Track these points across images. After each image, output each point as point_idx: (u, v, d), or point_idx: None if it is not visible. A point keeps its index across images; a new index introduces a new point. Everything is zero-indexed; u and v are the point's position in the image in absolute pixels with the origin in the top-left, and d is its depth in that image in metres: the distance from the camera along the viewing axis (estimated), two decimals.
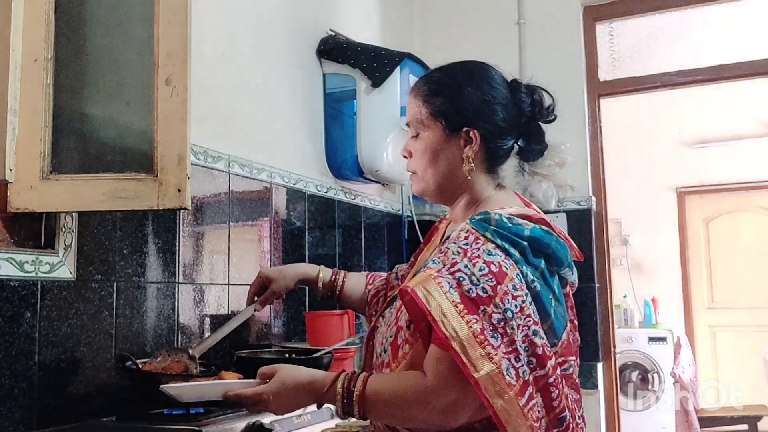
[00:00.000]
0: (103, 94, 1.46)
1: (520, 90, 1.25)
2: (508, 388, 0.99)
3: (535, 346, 1.04)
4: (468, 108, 1.21)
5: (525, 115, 1.25)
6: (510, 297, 1.03)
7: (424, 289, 1.04)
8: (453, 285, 1.03)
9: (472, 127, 1.20)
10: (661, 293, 5.59)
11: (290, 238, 2.37)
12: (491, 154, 1.24)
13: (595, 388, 2.98)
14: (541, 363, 1.04)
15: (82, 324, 1.58)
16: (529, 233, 1.09)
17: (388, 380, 1.11)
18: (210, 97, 2.03)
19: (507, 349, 1.01)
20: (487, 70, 1.27)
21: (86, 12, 1.48)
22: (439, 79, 1.26)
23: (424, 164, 1.24)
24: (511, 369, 1.00)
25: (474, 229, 1.10)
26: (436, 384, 1.04)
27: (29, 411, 1.44)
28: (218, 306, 2.01)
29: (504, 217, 1.10)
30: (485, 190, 1.24)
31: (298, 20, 2.54)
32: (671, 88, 3.44)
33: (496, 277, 1.03)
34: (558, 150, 3.07)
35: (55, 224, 1.53)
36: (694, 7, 3.22)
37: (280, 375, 1.15)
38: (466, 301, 1.02)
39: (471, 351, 0.99)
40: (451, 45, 3.30)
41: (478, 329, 1.00)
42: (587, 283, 3.04)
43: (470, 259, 1.05)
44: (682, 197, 5.83)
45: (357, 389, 1.08)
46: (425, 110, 1.23)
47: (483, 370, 0.98)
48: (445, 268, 1.06)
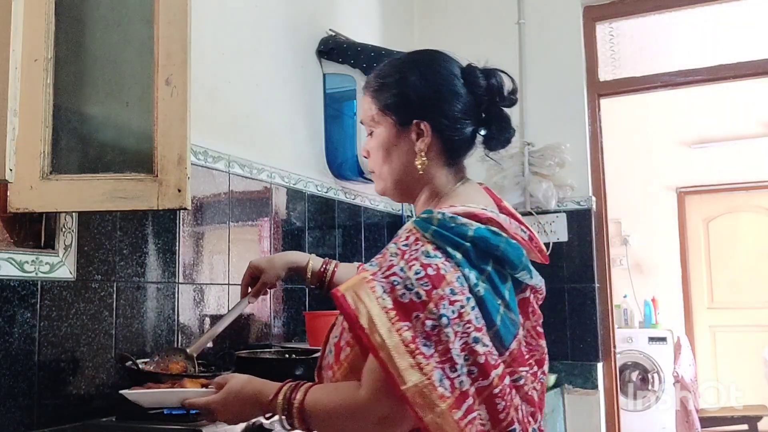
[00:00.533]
0: (102, 94, 1.46)
1: (474, 75, 1.17)
2: (441, 400, 0.92)
3: (476, 354, 0.95)
4: (416, 99, 1.14)
5: (482, 102, 1.16)
6: (447, 302, 0.95)
7: (354, 293, 0.98)
8: (387, 289, 0.96)
9: (421, 119, 1.13)
10: (661, 293, 5.59)
11: (290, 238, 2.37)
12: (448, 146, 1.15)
13: (595, 388, 2.98)
14: (483, 372, 0.96)
15: (82, 324, 1.57)
16: (473, 234, 1.01)
17: (327, 391, 1.06)
18: (210, 97, 2.03)
19: (441, 359, 0.93)
20: (437, 58, 1.19)
21: (86, 12, 1.48)
22: (387, 72, 1.19)
23: (380, 162, 1.19)
24: (445, 379, 0.93)
25: (416, 228, 1.02)
26: (368, 397, 0.97)
27: (29, 411, 1.44)
28: (218, 306, 2.01)
29: (447, 217, 1.02)
30: (446, 184, 1.16)
31: (298, 20, 2.54)
32: (671, 88, 3.45)
33: (433, 281, 0.95)
34: (558, 150, 3.07)
35: (55, 224, 1.53)
36: (694, 7, 3.22)
37: (229, 385, 1.15)
38: (399, 307, 0.95)
39: (399, 361, 0.92)
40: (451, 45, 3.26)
41: (409, 337, 0.93)
42: (587, 283, 3.04)
43: (407, 262, 0.98)
44: (682, 197, 5.82)
45: (297, 400, 1.04)
46: (375, 106, 1.18)
47: (411, 382, 0.91)
48: (380, 271, 0.99)
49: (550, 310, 3.03)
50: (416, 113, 1.14)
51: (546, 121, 3.16)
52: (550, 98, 3.18)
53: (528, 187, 3.07)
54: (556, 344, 3.03)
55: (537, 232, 3.12)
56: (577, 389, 3.00)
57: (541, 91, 3.19)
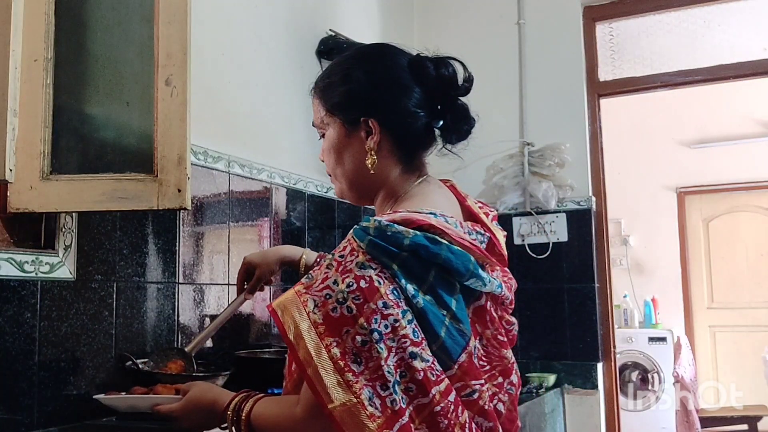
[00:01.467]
0: (103, 94, 1.46)
1: (423, 66, 1.10)
2: (370, 420, 0.87)
3: (414, 370, 0.90)
4: (361, 96, 1.09)
5: (434, 93, 1.10)
6: (379, 316, 0.89)
7: (284, 308, 0.94)
8: (318, 303, 0.92)
9: (369, 116, 1.08)
10: (661, 293, 5.59)
11: (290, 238, 2.37)
12: (399, 142, 1.09)
13: (595, 388, 2.98)
14: (422, 389, 0.90)
15: (82, 324, 1.57)
16: (409, 242, 0.93)
17: (270, 405, 1.03)
18: (210, 97, 2.03)
19: (371, 376, 0.88)
20: (382, 51, 1.14)
21: (86, 12, 1.48)
22: (332, 70, 1.14)
23: (333, 164, 1.14)
24: (376, 398, 0.88)
25: (353, 238, 0.97)
26: (302, 415, 0.95)
27: (29, 411, 1.44)
28: (218, 306, 2.01)
29: (383, 225, 0.95)
30: (403, 184, 1.11)
31: (298, 20, 2.54)
32: (671, 88, 3.44)
33: (365, 294, 0.90)
34: (558, 150, 3.07)
35: (55, 224, 1.53)
36: (693, 7, 3.22)
37: (190, 393, 1.15)
38: (329, 322, 0.90)
39: (326, 378, 0.88)
40: (451, 45, 3.26)
41: (338, 354, 0.89)
42: (587, 283, 3.04)
43: (341, 274, 0.93)
44: (682, 197, 5.82)
45: (245, 412, 1.03)
46: (323, 108, 1.14)
47: (338, 400, 0.87)
48: (315, 284, 0.94)
49: (550, 310, 3.06)
50: (363, 111, 1.09)
51: (546, 121, 3.16)
52: (550, 98, 3.18)
53: (528, 187, 3.07)
54: (555, 344, 3.04)
55: (537, 232, 3.16)
56: (577, 389, 3.00)
57: (541, 91, 3.19)
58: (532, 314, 3.05)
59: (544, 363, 3.02)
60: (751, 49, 3.24)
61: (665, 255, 5.75)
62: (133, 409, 1.36)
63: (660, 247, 5.77)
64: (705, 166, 5.71)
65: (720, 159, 5.66)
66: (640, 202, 5.75)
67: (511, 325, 1.12)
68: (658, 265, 5.76)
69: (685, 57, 3.35)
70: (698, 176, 5.75)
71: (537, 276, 3.06)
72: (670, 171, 5.78)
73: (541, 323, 3.04)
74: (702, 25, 3.38)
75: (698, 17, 3.34)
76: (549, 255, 3.05)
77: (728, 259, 5.72)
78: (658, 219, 5.79)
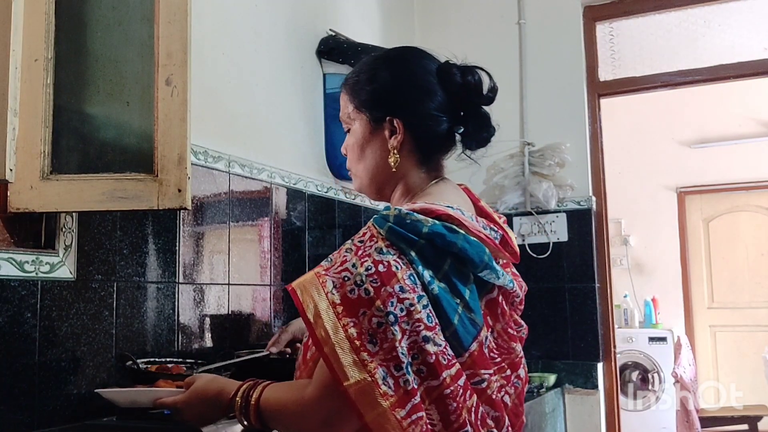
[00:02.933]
0: (103, 94, 1.46)
1: (450, 72, 1.15)
2: (383, 398, 0.90)
3: (426, 353, 0.93)
4: (388, 96, 1.14)
5: (459, 100, 1.15)
6: (395, 299, 0.93)
7: (303, 288, 0.98)
8: (337, 285, 0.95)
9: (394, 116, 1.13)
10: (661, 293, 5.59)
11: (290, 238, 2.37)
12: (420, 143, 1.14)
13: (596, 388, 2.98)
14: (433, 372, 0.94)
15: (82, 324, 1.57)
16: (427, 230, 0.98)
17: (280, 389, 1.05)
18: (210, 97, 2.03)
19: (385, 356, 0.92)
20: (411, 54, 1.19)
21: (86, 12, 1.48)
22: (362, 69, 1.19)
23: (356, 159, 1.19)
24: (389, 378, 0.91)
25: (373, 225, 1.01)
26: (314, 394, 0.97)
27: (29, 411, 1.44)
28: (218, 306, 2.01)
29: (403, 213, 1.00)
30: (420, 183, 1.15)
31: (298, 20, 2.54)
32: (671, 88, 3.44)
33: (382, 278, 0.94)
34: (558, 150, 3.07)
35: (55, 224, 1.53)
36: (694, 7, 3.22)
37: (194, 385, 1.16)
38: (347, 303, 0.94)
39: (342, 357, 0.91)
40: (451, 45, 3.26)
41: (354, 334, 0.92)
42: (587, 283, 3.04)
43: (360, 258, 0.97)
44: (682, 197, 5.82)
45: (254, 398, 1.04)
46: (351, 104, 1.18)
47: (353, 378, 0.90)
48: (334, 267, 0.98)
49: (551, 309, 3.06)
50: (389, 110, 1.13)
51: (546, 121, 3.16)
52: (550, 98, 3.18)
53: (528, 187, 3.07)
54: (556, 344, 3.04)
55: (537, 232, 3.16)
56: (578, 389, 3.00)
57: (541, 91, 3.19)
58: (533, 314, 3.01)
59: (545, 363, 3.02)
60: (751, 49, 3.24)
61: (665, 255, 5.75)
62: (134, 403, 1.34)
63: (660, 247, 5.77)
64: (705, 166, 5.71)
65: (720, 159, 5.66)
66: (640, 202, 5.75)
67: (520, 326, 1.16)
68: (659, 265, 5.76)
69: (685, 57, 3.35)
70: (698, 176, 5.75)
71: (537, 276, 3.06)
72: (670, 171, 5.78)
73: (542, 323, 3.04)
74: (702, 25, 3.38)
75: (698, 17, 3.34)
76: (549, 255, 3.05)
77: (728, 259, 5.72)
78: (658, 219, 5.79)
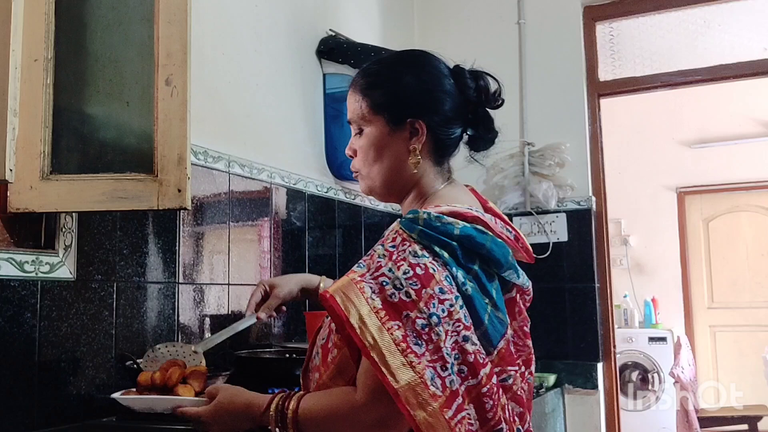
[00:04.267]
0: (103, 94, 1.46)
1: (464, 76, 1.17)
2: (432, 399, 0.91)
3: (466, 353, 0.95)
4: (410, 98, 1.15)
5: (471, 103, 1.17)
6: (436, 301, 0.95)
7: (343, 294, 0.97)
8: (375, 290, 0.96)
9: (416, 118, 1.13)
10: (661, 293, 5.60)
11: (290, 238, 2.37)
12: (438, 145, 1.16)
13: (595, 388, 2.98)
14: (473, 371, 0.95)
15: (82, 324, 1.57)
16: (459, 232, 1.01)
17: (320, 398, 1.04)
18: (210, 97, 2.03)
19: (432, 357, 0.93)
20: (428, 58, 1.20)
21: (86, 12, 1.47)
22: (378, 70, 1.20)
23: (370, 161, 1.19)
24: (437, 378, 0.92)
25: (402, 229, 1.03)
26: (364, 399, 0.97)
27: (29, 411, 1.44)
28: (218, 306, 2.01)
29: (433, 216, 1.02)
30: (433, 185, 1.17)
31: (298, 20, 2.54)
32: (671, 88, 3.44)
33: (421, 281, 0.96)
34: (558, 150, 3.07)
35: (55, 224, 1.53)
36: (693, 7, 3.22)
37: (219, 397, 1.14)
38: (389, 307, 0.95)
39: (390, 359, 0.91)
40: (451, 45, 3.30)
41: (400, 336, 0.93)
42: (587, 283, 3.04)
43: (395, 262, 0.98)
44: (682, 197, 5.83)
45: (290, 409, 1.03)
46: (365, 104, 1.18)
47: (403, 380, 0.91)
48: (369, 273, 0.99)
49: (551, 309, 3.06)
50: (411, 112, 1.14)
51: (546, 121, 3.16)
52: (550, 98, 3.18)
53: (528, 187, 3.07)
54: (556, 344, 3.03)
55: (537, 232, 3.16)
56: (578, 389, 3.00)
57: (541, 91, 3.19)
58: (533, 314, 3.01)
59: (545, 363, 3.01)
60: (751, 49, 3.24)
61: (665, 255, 5.76)
62: (150, 410, 1.32)
63: (660, 247, 5.77)
64: (705, 166, 5.72)
65: (720, 159, 5.66)
66: (640, 202, 5.75)
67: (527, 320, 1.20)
68: (658, 265, 5.76)
69: (685, 57, 3.35)
70: (698, 176, 5.75)
71: (537, 276, 3.01)
72: (670, 171, 5.78)
73: (542, 323, 3.03)
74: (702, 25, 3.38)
75: (698, 17, 3.34)
76: (549, 255, 3.05)
77: (728, 259, 5.72)
78: (658, 219, 5.79)
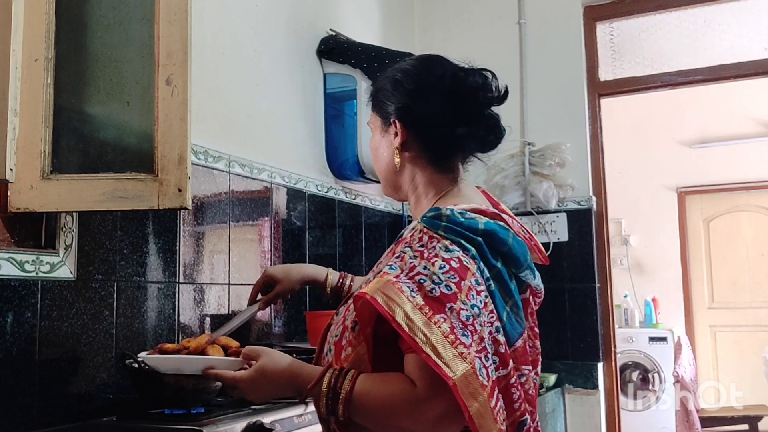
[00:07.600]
0: (103, 94, 1.46)
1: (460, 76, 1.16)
2: (482, 389, 0.91)
3: (498, 343, 0.98)
4: (394, 99, 1.17)
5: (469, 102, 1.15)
6: (474, 292, 0.97)
7: (383, 294, 0.96)
8: (414, 288, 0.96)
9: (396, 118, 1.16)
10: (661, 293, 5.59)
11: (290, 237, 2.37)
12: (429, 146, 1.16)
13: (596, 388, 2.98)
14: (504, 362, 0.98)
15: (82, 324, 1.57)
16: (483, 227, 1.02)
17: (377, 384, 1.01)
18: (210, 97, 2.03)
19: (478, 347, 0.94)
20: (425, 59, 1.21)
21: (86, 12, 1.48)
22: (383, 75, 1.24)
23: (373, 160, 1.26)
24: (483, 368, 0.93)
25: (426, 228, 1.04)
26: (427, 394, 0.95)
27: (29, 411, 1.44)
28: (218, 306, 2.01)
29: (456, 212, 1.03)
30: (438, 184, 1.17)
31: (298, 20, 2.54)
32: (671, 88, 3.45)
33: (459, 273, 0.97)
34: (558, 150, 3.07)
35: (56, 224, 1.53)
36: (694, 7, 3.22)
37: (262, 364, 1.10)
38: (431, 302, 0.95)
39: (444, 352, 0.91)
40: (451, 45, 3.30)
41: (447, 329, 0.93)
42: (587, 283, 3.04)
43: (428, 260, 0.99)
44: (682, 197, 5.82)
45: (345, 388, 0.99)
46: (370, 106, 1.24)
47: (459, 371, 0.90)
48: (403, 274, 0.99)
49: (551, 310, 3.05)
50: (393, 113, 1.17)
51: (546, 121, 3.16)
52: (551, 98, 3.18)
53: (528, 186, 3.07)
54: (556, 344, 3.03)
55: (537, 232, 3.16)
56: (578, 389, 3.00)
57: (542, 91, 3.19)
58: None
59: (545, 362, 2.98)
60: (751, 49, 3.24)
61: (666, 255, 5.75)
62: (178, 370, 1.27)
63: (660, 247, 5.76)
64: (705, 166, 5.71)
65: (720, 159, 5.66)
66: (640, 202, 5.75)
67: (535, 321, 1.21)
68: (659, 265, 5.75)
69: (686, 57, 3.36)
70: (698, 176, 5.75)
71: None
72: (671, 171, 5.78)
73: (542, 323, 2.99)
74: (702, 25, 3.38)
75: (698, 17, 3.34)
76: (549, 255, 3.01)
77: (729, 259, 5.72)
78: (658, 219, 5.79)
